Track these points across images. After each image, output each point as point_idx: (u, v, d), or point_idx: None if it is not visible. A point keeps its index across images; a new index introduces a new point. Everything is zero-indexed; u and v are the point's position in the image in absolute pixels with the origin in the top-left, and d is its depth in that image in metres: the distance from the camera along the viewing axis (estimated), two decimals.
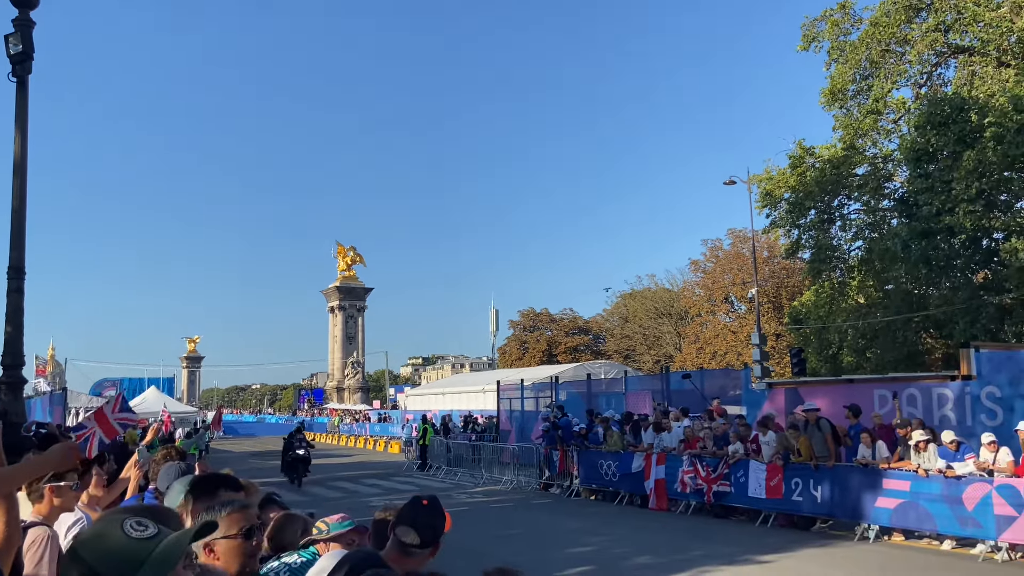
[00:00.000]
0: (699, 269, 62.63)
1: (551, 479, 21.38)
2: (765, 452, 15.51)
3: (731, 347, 55.24)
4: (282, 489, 20.25)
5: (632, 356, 69.05)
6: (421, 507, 2.90)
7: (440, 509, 2.94)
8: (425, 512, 2.89)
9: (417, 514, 2.87)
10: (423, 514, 2.88)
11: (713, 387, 22.17)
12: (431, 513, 2.90)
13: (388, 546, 2.88)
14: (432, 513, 2.90)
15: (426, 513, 2.89)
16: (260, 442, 54.44)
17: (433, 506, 2.92)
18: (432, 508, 2.91)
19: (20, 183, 12.18)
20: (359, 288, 78.78)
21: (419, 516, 2.87)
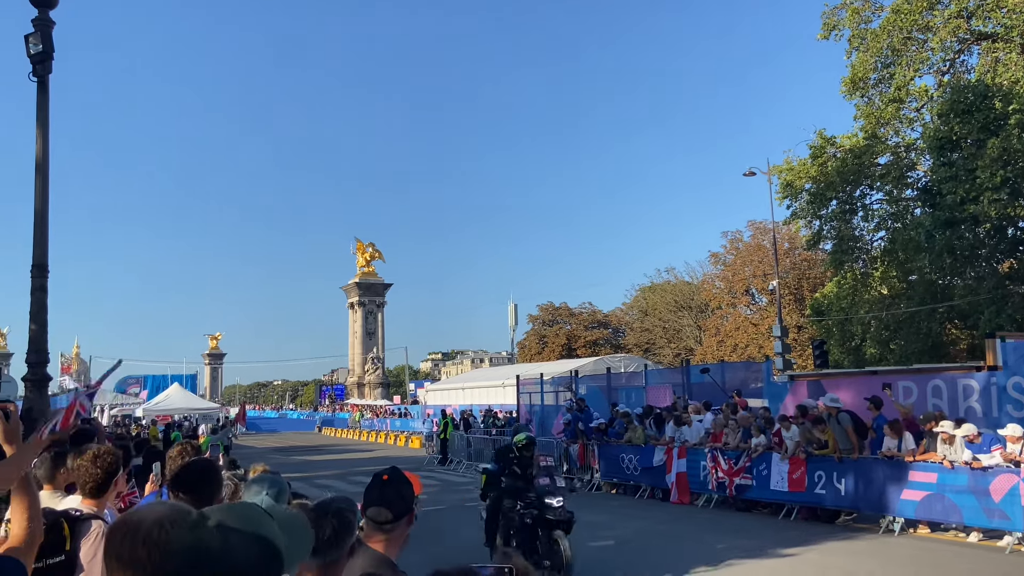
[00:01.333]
0: (719, 262, 62.30)
1: (572, 473, 21.34)
2: (788, 447, 15.38)
3: (752, 340, 54.89)
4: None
5: (652, 350, 68.82)
6: (384, 483, 2.96)
7: (403, 478, 3.00)
8: (389, 486, 2.95)
9: (383, 491, 2.94)
10: (388, 489, 2.94)
11: (734, 380, 21.99)
12: (395, 485, 2.96)
13: (365, 528, 2.94)
14: (396, 486, 2.96)
15: (390, 487, 2.95)
16: (282, 438, 54.87)
17: (394, 478, 2.98)
18: (394, 481, 2.97)
19: (42, 182, 12.30)
20: (378, 284, 79.08)
21: (385, 492, 2.93)
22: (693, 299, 67.14)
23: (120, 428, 28.09)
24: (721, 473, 16.52)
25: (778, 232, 43.71)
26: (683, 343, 66.85)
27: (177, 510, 1.82)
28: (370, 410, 63.91)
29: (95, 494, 4.17)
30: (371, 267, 79.15)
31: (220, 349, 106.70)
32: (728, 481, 16.32)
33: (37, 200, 12.25)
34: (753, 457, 15.91)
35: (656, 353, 67.55)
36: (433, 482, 22.87)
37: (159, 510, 1.81)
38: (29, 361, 12.35)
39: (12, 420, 2.76)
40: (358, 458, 33.95)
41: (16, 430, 2.77)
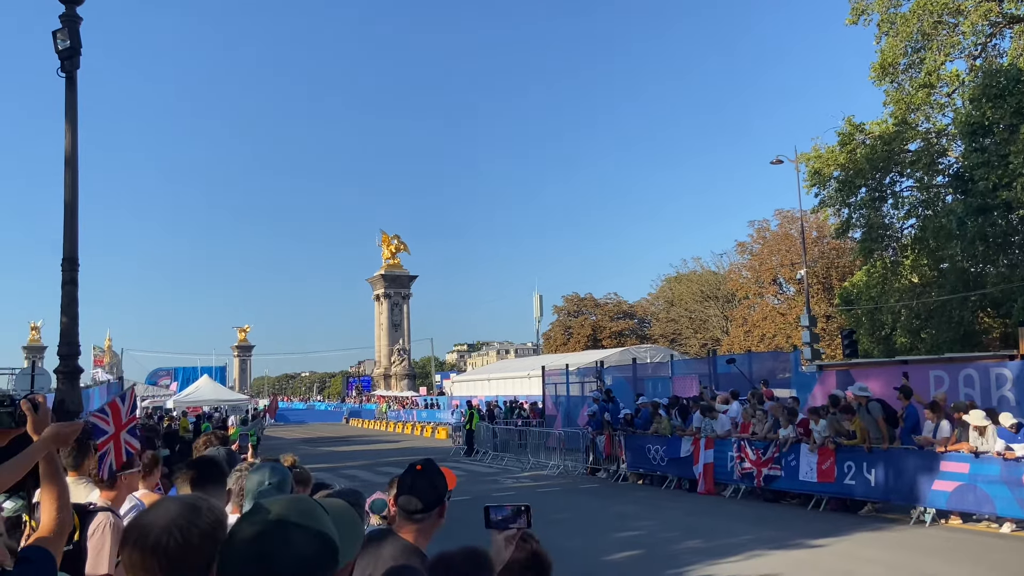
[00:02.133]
0: (746, 251, 61.80)
1: (598, 464, 21.33)
2: (817, 440, 15.23)
3: (780, 330, 54.42)
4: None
5: (678, 340, 68.47)
6: (417, 473, 2.94)
7: (437, 470, 2.99)
8: (422, 477, 2.94)
9: (415, 480, 2.92)
10: (420, 479, 2.93)
11: (762, 370, 21.84)
12: (428, 476, 2.94)
13: (396, 517, 2.94)
14: (429, 476, 2.95)
15: (423, 477, 2.94)
16: (310, 429, 55.39)
17: (428, 469, 2.96)
18: (427, 471, 2.95)
19: (72, 176, 12.46)
20: (404, 276, 79.40)
21: (417, 482, 2.92)
22: (719, 289, 66.68)
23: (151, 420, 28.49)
24: (749, 463, 16.41)
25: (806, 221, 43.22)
26: (709, 333, 66.44)
27: (189, 509, 1.81)
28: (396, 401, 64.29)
29: (106, 487, 4.29)
30: (396, 259, 79.47)
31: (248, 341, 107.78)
32: (756, 472, 16.20)
33: (67, 194, 12.42)
34: (782, 448, 15.77)
35: (682, 344, 67.19)
36: (459, 472, 22.90)
37: (170, 511, 1.80)
38: (60, 353, 12.55)
39: (41, 411, 2.78)
40: (385, 449, 34.17)
41: (45, 421, 2.78)
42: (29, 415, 2.74)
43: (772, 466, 15.92)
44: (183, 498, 1.86)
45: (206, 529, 1.78)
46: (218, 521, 1.84)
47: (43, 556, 2.32)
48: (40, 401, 2.81)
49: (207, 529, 1.78)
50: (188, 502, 1.83)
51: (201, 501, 1.85)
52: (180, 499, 1.84)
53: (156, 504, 1.85)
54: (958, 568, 10.09)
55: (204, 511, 1.81)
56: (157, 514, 1.79)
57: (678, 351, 55.54)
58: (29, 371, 18.98)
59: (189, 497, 1.87)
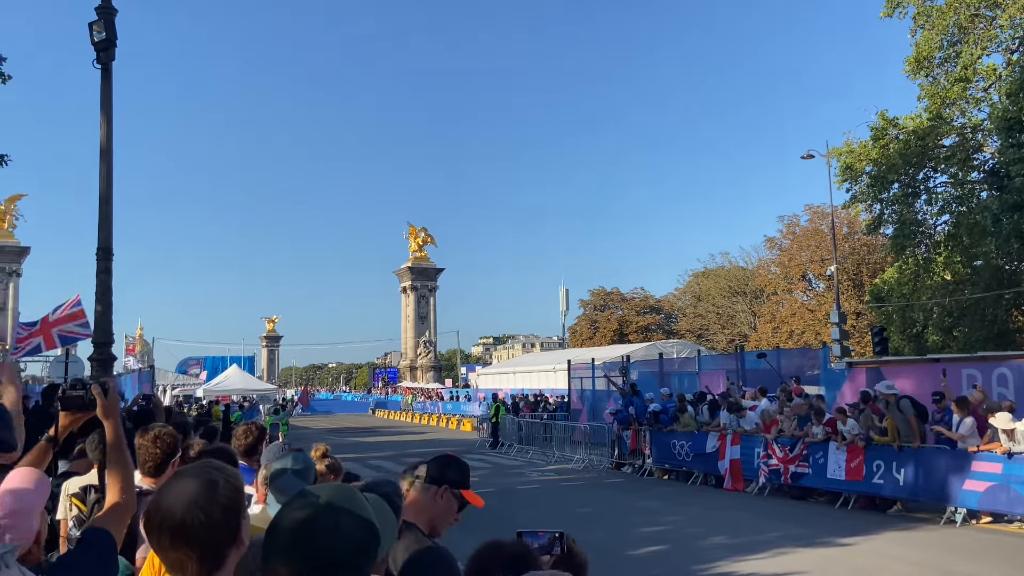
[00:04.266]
0: (775, 246, 61.28)
1: (623, 458, 21.30)
2: (846, 436, 15.09)
3: (808, 326, 53.94)
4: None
5: (705, 336, 68.10)
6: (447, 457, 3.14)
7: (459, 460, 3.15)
8: (453, 460, 3.12)
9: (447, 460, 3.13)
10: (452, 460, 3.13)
11: (790, 367, 21.67)
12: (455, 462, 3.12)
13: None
14: (456, 462, 3.13)
15: (453, 461, 3.12)
16: (337, 419, 55.83)
17: (454, 457, 3.15)
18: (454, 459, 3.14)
19: (107, 168, 12.65)
20: (430, 268, 79.66)
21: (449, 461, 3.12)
22: (748, 284, 66.19)
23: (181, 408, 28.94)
24: (776, 460, 16.29)
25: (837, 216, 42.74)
26: (737, 329, 66.00)
27: (206, 486, 1.80)
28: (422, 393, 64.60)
29: (154, 473, 4.29)
30: (423, 252, 79.73)
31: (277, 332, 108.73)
32: (783, 469, 16.09)
33: (102, 184, 12.61)
34: (809, 444, 15.65)
35: (709, 339, 66.81)
36: (485, 465, 23.03)
37: (188, 491, 1.79)
38: (95, 341, 12.77)
39: (111, 395, 2.83)
40: (410, 440, 34.38)
41: (115, 405, 2.84)
42: (99, 399, 2.80)
43: (800, 463, 15.80)
44: (198, 473, 1.84)
45: (227, 503, 1.80)
46: (236, 490, 1.85)
47: (103, 537, 2.35)
48: (110, 385, 2.86)
49: (228, 503, 1.80)
50: (205, 478, 1.82)
51: (216, 473, 1.84)
52: (195, 475, 1.83)
53: (171, 484, 1.84)
54: (988, 568, 9.96)
55: (221, 485, 1.82)
56: (176, 495, 1.79)
57: (705, 347, 55.23)
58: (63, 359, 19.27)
59: (203, 471, 1.85)
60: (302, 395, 34.86)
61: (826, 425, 15.65)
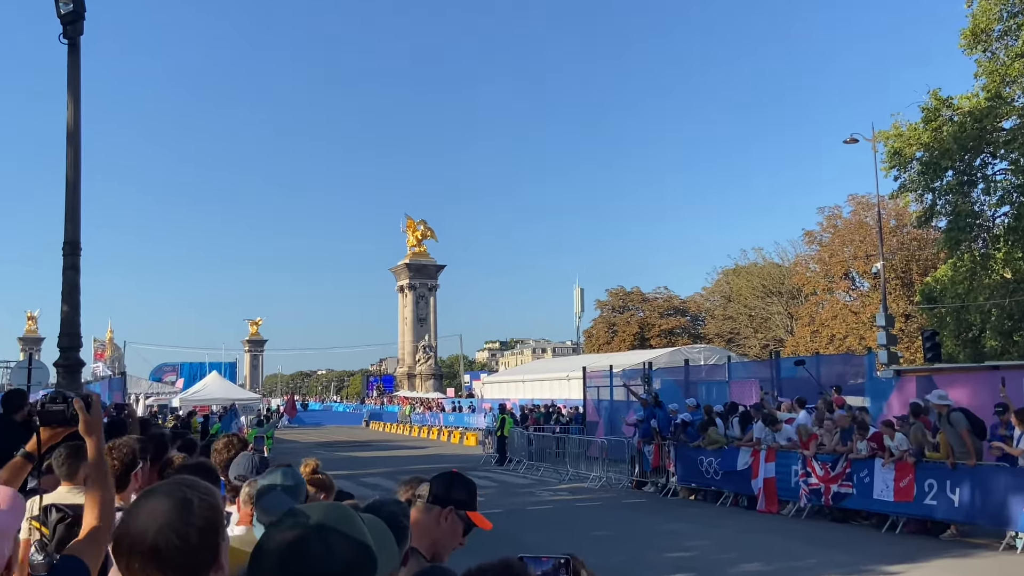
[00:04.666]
0: (814, 241, 61.10)
1: (644, 476, 21.28)
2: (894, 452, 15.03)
3: (851, 330, 53.78)
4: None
5: (736, 340, 67.99)
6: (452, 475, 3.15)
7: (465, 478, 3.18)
8: (458, 477, 3.14)
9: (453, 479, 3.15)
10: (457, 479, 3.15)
11: (831, 375, 21.63)
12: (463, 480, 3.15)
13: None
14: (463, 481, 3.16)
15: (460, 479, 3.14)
16: (327, 432, 55.96)
17: (459, 475, 3.18)
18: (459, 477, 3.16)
19: (74, 152, 12.71)
20: (430, 265, 79.79)
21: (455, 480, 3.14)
22: (784, 283, 66.03)
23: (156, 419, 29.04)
24: (816, 479, 16.24)
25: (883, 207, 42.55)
26: (772, 333, 65.85)
27: (180, 505, 1.81)
28: (421, 403, 64.70)
29: (122, 487, 4.32)
30: (422, 247, 79.87)
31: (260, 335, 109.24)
32: (824, 488, 16.03)
33: (69, 171, 12.67)
34: (853, 461, 15.59)
35: (741, 344, 66.69)
36: (491, 483, 23.04)
37: (160, 511, 1.79)
38: (61, 345, 12.81)
39: (94, 410, 2.87)
40: (408, 455, 34.41)
41: (98, 421, 2.88)
42: (81, 414, 2.84)
43: (842, 482, 15.74)
44: (170, 491, 1.85)
45: (203, 524, 1.81)
46: (213, 508, 1.86)
47: (75, 566, 2.37)
48: (94, 400, 2.90)
49: (204, 524, 1.81)
50: (178, 496, 1.82)
51: (189, 491, 1.85)
52: (167, 494, 1.83)
53: (141, 504, 1.84)
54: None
55: (196, 505, 1.82)
56: (146, 516, 1.79)
57: (736, 352, 55.11)
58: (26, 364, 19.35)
59: (175, 488, 1.85)
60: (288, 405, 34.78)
61: (871, 440, 15.59)
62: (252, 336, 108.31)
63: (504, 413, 31.18)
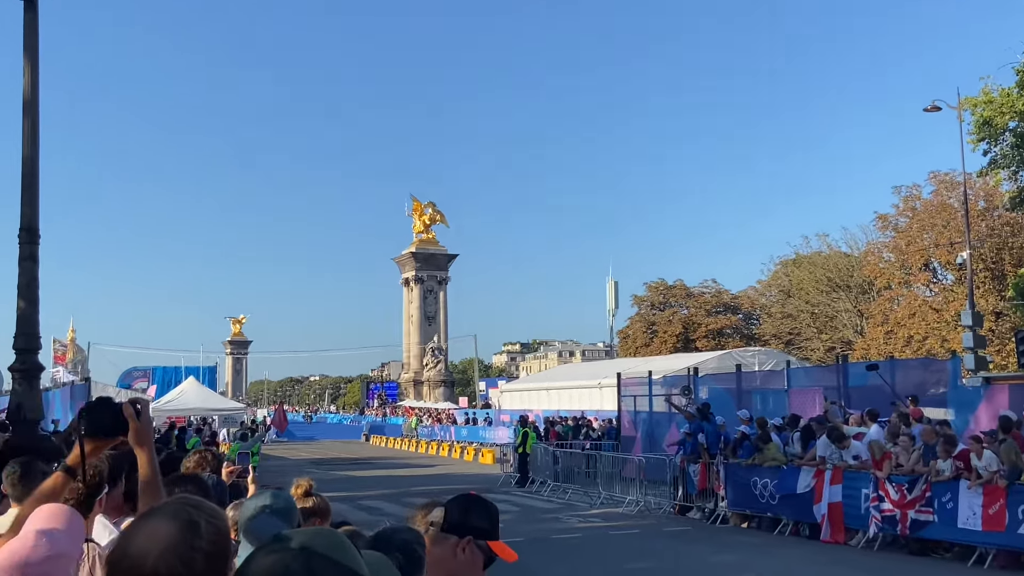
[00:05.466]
0: (889, 226, 60.72)
1: (689, 500, 21.26)
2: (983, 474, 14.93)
3: (932, 330, 53.45)
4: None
5: (796, 342, 67.75)
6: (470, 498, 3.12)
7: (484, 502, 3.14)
8: (478, 501, 3.12)
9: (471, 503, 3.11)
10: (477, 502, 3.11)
11: (907, 382, 21.56)
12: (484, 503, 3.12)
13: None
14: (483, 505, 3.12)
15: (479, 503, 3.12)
16: (320, 447, 56.22)
17: (478, 498, 3.14)
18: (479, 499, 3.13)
19: (31, 124, 12.82)
20: (440, 254, 79.98)
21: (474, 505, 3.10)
22: (853, 276, 65.67)
23: None
24: (890, 504, 16.17)
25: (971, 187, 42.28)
26: (838, 334, 65.54)
27: (186, 528, 1.85)
28: (430, 415, 64.93)
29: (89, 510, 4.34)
30: (431, 233, 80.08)
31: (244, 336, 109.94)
32: (899, 515, 15.97)
33: (25, 147, 12.77)
34: (934, 483, 15.51)
35: (802, 347, 66.43)
36: (511, 507, 23.10)
37: (163, 535, 1.83)
38: (17, 347, 12.89)
39: (144, 418, 2.90)
40: (415, 474, 34.55)
41: (149, 430, 2.93)
42: (131, 422, 2.87)
43: (921, 508, 15.67)
44: (173, 512, 1.88)
45: (210, 550, 1.83)
46: (221, 532, 1.90)
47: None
48: (143, 405, 2.94)
49: (211, 550, 1.84)
50: (183, 518, 1.86)
51: (197, 513, 1.88)
52: (170, 515, 1.87)
53: (142, 524, 1.87)
54: None
55: (203, 528, 1.85)
56: (147, 539, 1.81)
57: (796, 356, 54.89)
58: None
59: (179, 509, 1.89)
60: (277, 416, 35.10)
61: (956, 459, 15.49)
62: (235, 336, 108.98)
63: (525, 426, 31.25)
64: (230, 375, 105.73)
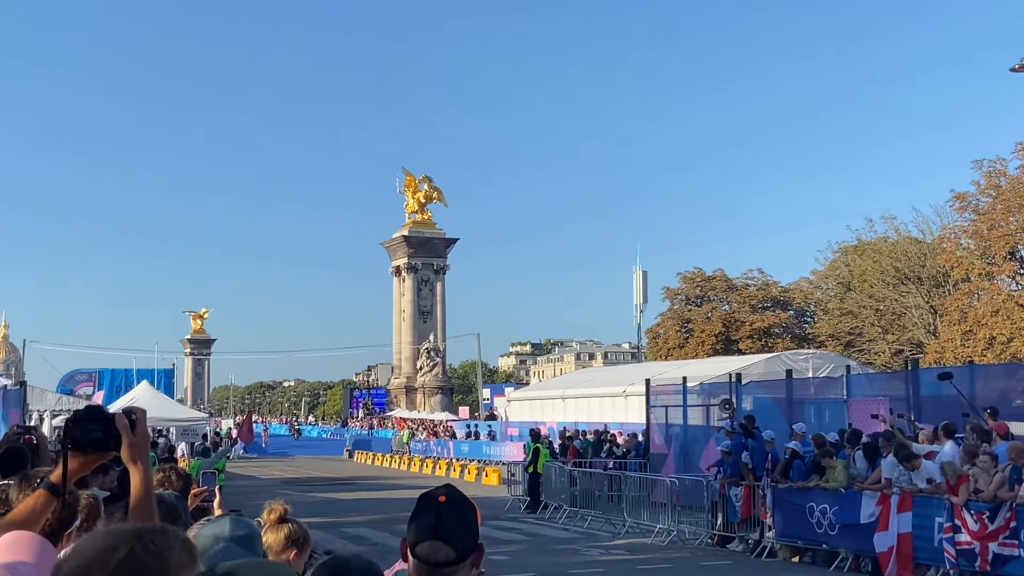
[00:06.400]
0: (968, 207, 60.51)
1: (731, 529, 21.29)
2: None
3: (1019, 330, 53.41)
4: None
5: (858, 344, 67.71)
6: (441, 507, 2.96)
7: (465, 500, 3.02)
8: (449, 511, 2.96)
9: (440, 518, 2.93)
10: (448, 515, 2.95)
11: (989, 391, 21.58)
12: (457, 510, 2.97)
13: (411, 573, 2.97)
14: (458, 510, 2.98)
15: (451, 512, 2.96)
16: (295, 464, 56.42)
17: (454, 499, 2.99)
18: (454, 503, 2.98)
19: None
20: (437, 239, 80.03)
21: (443, 519, 2.93)
22: (925, 266, 65.58)
23: None
24: (968, 536, 16.18)
25: None
26: (907, 334, 65.49)
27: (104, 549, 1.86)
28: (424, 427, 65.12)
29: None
30: (427, 213, 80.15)
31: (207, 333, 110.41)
32: (979, 548, 15.98)
33: None
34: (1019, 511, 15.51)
35: (864, 349, 66.38)
36: (519, 536, 23.17)
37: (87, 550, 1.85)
38: None
39: (139, 431, 2.94)
40: (406, 498, 34.37)
41: (145, 445, 2.96)
42: (125, 436, 2.89)
43: (1004, 540, 15.68)
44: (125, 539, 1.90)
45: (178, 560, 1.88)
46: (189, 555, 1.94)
47: None
48: (139, 417, 2.97)
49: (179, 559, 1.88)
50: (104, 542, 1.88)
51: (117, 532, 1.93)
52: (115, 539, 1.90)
53: (88, 544, 1.92)
54: None
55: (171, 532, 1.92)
56: (95, 559, 1.85)
57: (858, 360, 54.82)
58: None
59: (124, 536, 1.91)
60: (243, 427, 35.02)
61: None
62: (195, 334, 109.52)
63: (537, 442, 31.29)
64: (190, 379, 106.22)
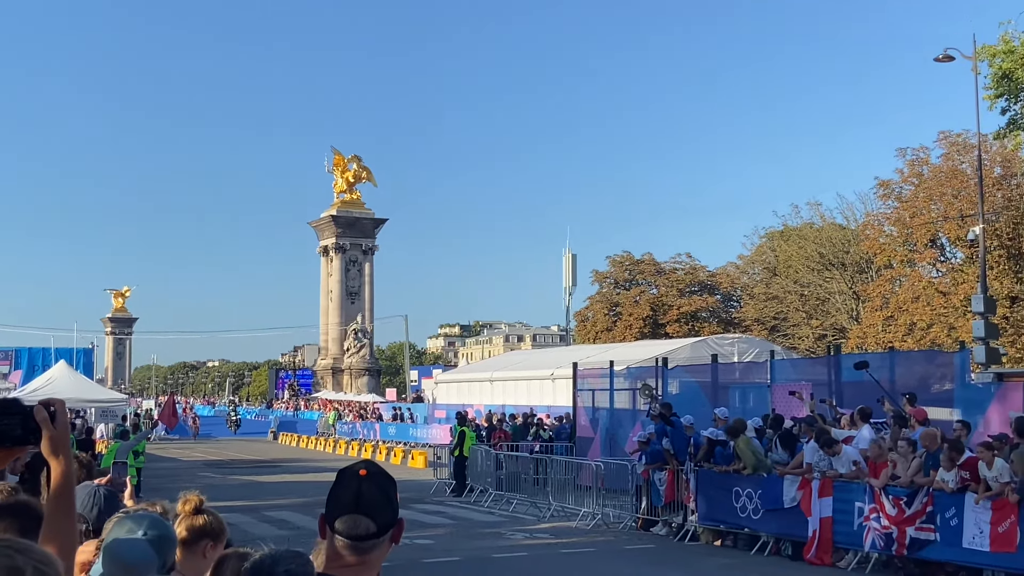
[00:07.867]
0: (891, 194, 61.24)
1: (655, 513, 21.42)
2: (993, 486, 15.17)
3: (938, 316, 54.16)
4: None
5: (782, 329, 68.43)
6: (362, 480, 2.96)
7: (384, 474, 3.02)
8: (370, 484, 2.95)
9: (361, 490, 2.93)
10: (369, 488, 2.94)
11: (909, 377, 21.82)
12: (377, 483, 2.96)
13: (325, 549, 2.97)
14: (378, 483, 2.97)
15: (371, 485, 2.95)
16: (218, 446, 55.83)
17: (375, 474, 2.98)
18: (375, 477, 2.97)
19: None
20: (366, 219, 79.47)
21: (364, 493, 2.93)
22: (849, 252, 66.31)
23: None
24: (886, 520, 16.39)
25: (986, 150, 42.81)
26: (831, 319, 66.28)
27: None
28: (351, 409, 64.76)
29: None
30: (355, 193, 79.53)
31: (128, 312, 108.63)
32: (897, 532, 16.19)
33: None
34: (936, 496, 15.73)
35: (789, 334, 67.09)
36: (445, 520, 23.13)
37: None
38: None
39: (59, 423, 2.83)
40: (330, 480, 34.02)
41: (65, 437, 2.86)
42: (45, 428, 2.79)
43: (921, 525, 15.89)
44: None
45: None
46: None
47: None
48: (58, 408, 2.87)
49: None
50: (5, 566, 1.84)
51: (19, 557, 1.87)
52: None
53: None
54: None
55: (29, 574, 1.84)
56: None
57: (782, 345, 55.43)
58: None
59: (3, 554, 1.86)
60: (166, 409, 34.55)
61: (962, 468, 15.68)
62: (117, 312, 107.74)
63: (463, 424, 31.21)
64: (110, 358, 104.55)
